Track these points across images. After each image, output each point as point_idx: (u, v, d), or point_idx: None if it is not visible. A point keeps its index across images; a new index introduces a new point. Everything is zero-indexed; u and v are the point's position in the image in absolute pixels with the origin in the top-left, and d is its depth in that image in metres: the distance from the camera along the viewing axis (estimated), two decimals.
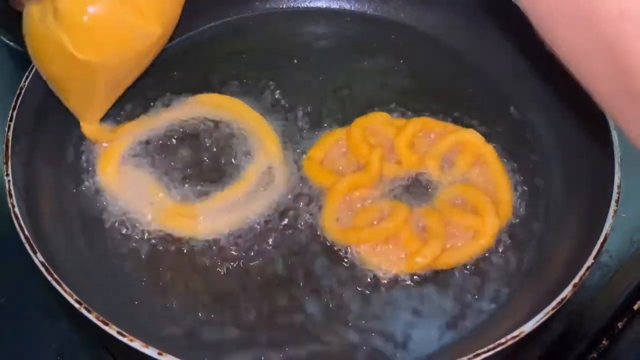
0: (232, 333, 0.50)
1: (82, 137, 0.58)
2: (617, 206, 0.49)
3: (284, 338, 0.49)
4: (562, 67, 0.58)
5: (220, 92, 0.61)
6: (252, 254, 0.53)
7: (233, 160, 0.58)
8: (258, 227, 0.54)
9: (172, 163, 0.57)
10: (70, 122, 0.57)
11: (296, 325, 0.50)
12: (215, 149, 0.58)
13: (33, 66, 0.54)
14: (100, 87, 0.49)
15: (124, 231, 0.54)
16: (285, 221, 0.55)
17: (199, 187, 0.56)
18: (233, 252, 0.53)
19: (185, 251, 0.53)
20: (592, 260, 0.47)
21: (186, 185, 0.56)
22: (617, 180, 0.50)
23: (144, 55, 0.45)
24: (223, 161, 0.57)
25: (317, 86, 0.63)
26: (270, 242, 0.54)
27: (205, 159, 0.58)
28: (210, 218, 0.54)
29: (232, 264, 0.52)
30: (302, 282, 0.52)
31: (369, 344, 0.50)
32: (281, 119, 0.60)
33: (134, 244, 0.53)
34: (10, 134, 0.51)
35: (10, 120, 0.51)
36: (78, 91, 0.50)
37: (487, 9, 0.64)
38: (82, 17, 0.42)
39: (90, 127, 0.54)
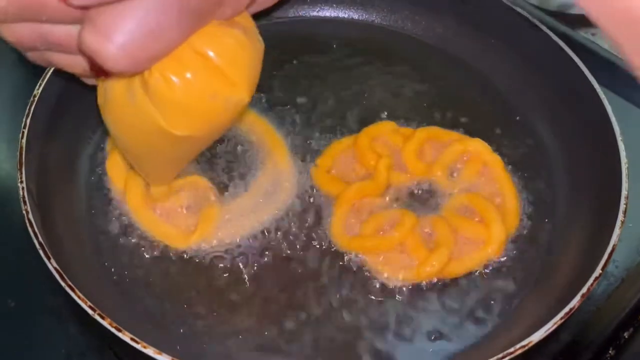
0: (243, 340, 0.50)
1: (95, 144, 0.59)
2: (624, 217, 0.49)
3: (292, 345, 0.50)
4: (568, 77, 0.59)
5: None
6: (261, 262, 0.53)
7: (241, 169, 0.58)
8: (266, 235, 0.54)
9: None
10: (83, 128, 0.58)
11: (303, 332, 0.50)
12: (222, 158, 0.58)
13: (46, 73, 0.55)
14: (184, 156, 0.48)
15: (135, 239, 0.54)
16: (293, 229, 0.55)
17: None
18: (242, 261, 0.53)
19: (195, 259, 0.53)
20: (600, 271, 0.47)
21: None
22: (624, 192, 0.50)
23: (231, 122, 0.44)
24: (230, 170, 0.58)
25: (324, 96, 0.63)
26: (278, 251, 0.54)
27: (213, 168, 0.58)
28: (219, 227, 0.54)
29: (241, 272, 0.53)
30: (310, 289, 0.52)
31: (375, 351, 0.50)
32: (289, 129, 0.61)
33: (145, 251, 0.53)
34: (23, 141, 0.51)
35: (24, 128, 0.52)
36: (158, 160, 0.49)
37: (494, 20, 0.64)
38: (176, 94, 0.40)
39: (160, 188, 0.54)
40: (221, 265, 0.53)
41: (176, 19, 0.37)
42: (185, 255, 0.53)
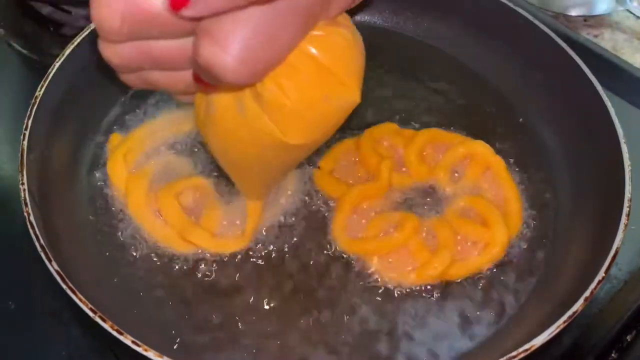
0: (245, 343, 0.50)
1: (96, 146, 0.59)
2: (627, 220, 0.49)
3: (293, 347, 0.50)
4: (571, 79, 0.59)
5: None
6: (263, 265, 0.53)
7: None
8: (268, 237, 0.54)
9: (179, 177, 0.57)
10: (85, 130, 0.58)
11: (305, 335, 0.50)
12: None
13: (48, 75, 0.55)
14: (291, 165, 0.47)
15: (137, 241, 0.54)
16: (295, 231, 0.55)
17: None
18: (244, 264, 0.53)
19: (197, 263, 0.53)
20: (603, 274, 0.47)
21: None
22: (627, 194, 0.50)
23: (338, 125, 0.42)
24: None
25: None
26: (280, 253, 0.54)
27: (214, 170, 0.58)
28: (220, 231, 0.54)
29: (242, 275, 0.53)
30: (312, 291, 0.52)
31: (377, 353, 0.50)
32: None
33: (146, 254, 0.53)
34: (25, 142, 0.51)
35: (26, 129, 0.52)
36: (264, 172, 0.47)
37: (496, 21, 0.64)
38: (291, 101, 0.38)
39: (256, 203, 0.52)
40: (222, 268, 0.53)
41: (290, 23, 0.35)
42: (186, 259, 0.53)
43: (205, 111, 0.42)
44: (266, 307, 0.51)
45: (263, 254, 0.54)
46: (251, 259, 0.53)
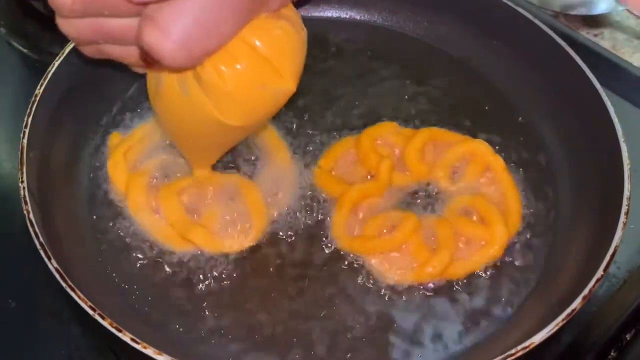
0: (244, 341, 0.50)
1: (96, 145, 0.59)
2: (626, 218, 0.49)
3: (294, 346, 0.50)
4: (570, 78, 0.59)
5: None
6: (262, 263, 0.53)
7: (242, 170, 0.58)
8: (267, 237, 0.54)
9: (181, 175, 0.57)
10: (85, 128, 0.58)
11: (305, 333, 0.50)
12: (223, 159, 0.58)
13: (48, 73, 0.55)
14: (230, 142, 0.50)
15: (136, 239, 0.54)
16: (295, 230, 0.55)
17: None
18: (243, 262, 0.53)
19: (195, 261, 0.53)
20: (602, 272, 0.47)
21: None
22: (626, 193, 0.50)
23: (276, 111, 0.46)
24: (232, 172, 0.58)
25: (326, 96, 0.63)
26: (279, 252, 0.54)
27: (215, 169, 0.58)
28: (220, 229, 0.54)
29: (242, 274, 0.53)
30: (312, 291, 0.52)
31: (377, 352, 0.50)
32: (290, 129, 0.60)
33: (146, 252, 0.53)
34: (25, 140, 0.51)
35: (25, 127, 0.52)
36: (206, 146, 0.50)
37: (496, 20, 0.64)
38: (228, 85, 0.41)
39: (202, 171, 0.55)
40: (222, 266, 0.53)
41: (230, 13, 0.38)
42: (185, 257, 0.53)
43: (155, 86, 0.46)
44: (265, 306, 0.51)
45: (262, 253, 0.54)
46: (250, 259, 0.53)
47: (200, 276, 0.52)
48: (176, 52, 0.37)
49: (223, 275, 0.53)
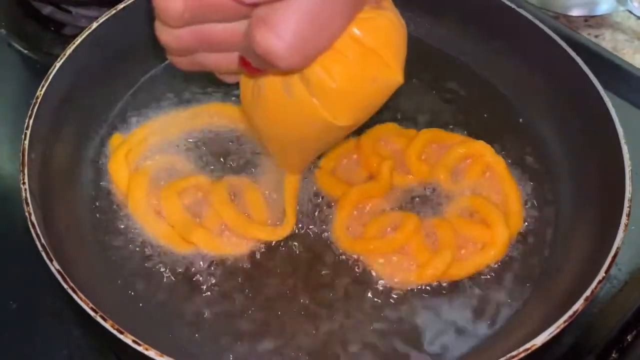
0: (245, 343, 0.50)
1: (98, 146, 0.59)
2: (628, 220, 0.49)
3: (295, 348, 0.50)
4: (571, 79, 0.59)
5: (232, 102, 0.61)
6: (263, 265, 0.53)
7: (242, 171, 0.58)
8: None
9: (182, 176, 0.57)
10: (86, 130, 0.58)
11: (306, 334, 0.50)
12: (223, 161, 0.58)
13: (49, 75, 0.55)
14: (331, 144, 0.48)
15: (138, 240, 0.54)
16: (296, 231, 0.55)
17: None
18: (244, 264, 0.53)
19: (197, 263, 0.53)
20: (604, 274, 0.47)
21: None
22: (628, 194, 0.50)
23: (381, 106, 0.43)
24: (233, 172, 0.58)
25: None
26: (280, 253, 0.54)
27: (216, 169, 0.58)
28: (221, 230, 0.54)
29: (242, 275, 0.53)
30: (312, 292, 0.52)
31: (378, 353, 0.50)
32: None
33: (147, 253, 0.53)
34: (26, 142, 0.51)
35: (27, 129, 0.52)
36: (305, 150, 0.48)
37: (496, 21, 0.64)
38: (338, 83, 0.39)
39: (293, 177, 0.54)
40: (223, 267, 0.53)
41: (339, 9, 0.37)
42: (187, 258, 0.53)
43: (253, 92, 0.43)
44: (266, 307, 0.51)
45: (263, 254, 0.54)
46: (251, 260, 0.53)
47: (201, 277, 0.52)
48: (291, 55, 0.36)
49: (224, 277, 0.52)
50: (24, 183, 0.49)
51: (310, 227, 0.55)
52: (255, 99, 0.44)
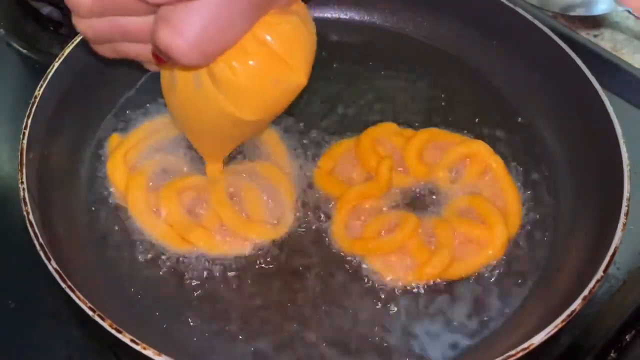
0: (244, 343, 0.50)
1: (96, 146, 0.59)
2: (626, 219, 0.49)
3: (293, 348, 0.50)
4: (570, 79, 0.59)
5: None
6: (262, 265, 0.53)
7: (242, 170, 0.58)
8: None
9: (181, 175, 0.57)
10: (84, 129, 0.58)
11: (305, 335, 0.50)
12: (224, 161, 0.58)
13: (47, 74, 0.55)
14: (242, 135, 0.51)
15: (136, 240, 0.54)
16: (295, 231, 0.55)
17: None
18: (242, 263, 0.53)
19: (195, 263, 0.53)
20: (602, 274, 0.47)
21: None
22: (626, 194, 0.50)
23: (288, 104, 0.46)
24: (230, 173, 0.57)
25: (326, 97, 0.63)
26: (278, 252, 0.54)
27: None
28: (219, 230, 0.54)
29: (241, 275, 0.53)
30: (311, 291, 0.52)
31: (377, 352, 0.50)
32: (290, 130, 0.60)
33: (146, 253, 0.53)
34: (24, 141, 0.51)
35: (25, 128, 0.52)
36: (219, 140, 0.51)
37: (496, 21, 0.64)
38: (242, 80, 0.42)
39: (215, 166, 0.55)
40: (221, 267, 0.53)
41: (242, 12, 0.39)
42: (185, 258, 0.53)
43: (169, 82, 0.47)
44: (265, 307, 0.51)
45: (262, 254, 0.54)
46: (250, 260, 0.53)
47: (200, 277, 0.52)
48: (190, 52, 0.38)
49: (223, 277, 0.52)
50: (22, 183, 0.49)
51: (309, 226, 0.55)
52: (170, 89, 0.47)
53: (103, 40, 0.44)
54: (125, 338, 0.43)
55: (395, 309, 0.52)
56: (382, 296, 0.52)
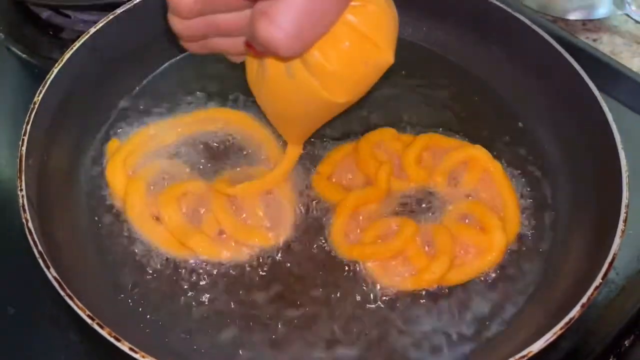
0: (244, 350, 0.50)
1: (95, 152, 0.59)
2: (625, 226, 0.49)
3: (292, 353, 0.50)
4: (569, 83, 0.59)
5: (229, 107, 0.62)
6: (261, 270, 0.53)
7: (240, 176, 0.57)
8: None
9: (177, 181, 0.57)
10: (84, 135, 0.58)
11: (304, 340, 0.50)
12: (223, 164, 0.58)
13: (46, 80, 0.55)
14: (330, 118, 0.51)
15: (135, 246, 0.54)
16: (294, 236, 0.55)
17: None
18: (241, 269, 0.53)
19: (194, 269, 0.53)
20: (601, 280, 0.47)
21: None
22: (625, 200, 0.50)
23: (375, 82, 0.47)
24: (230, 178, 0.57)
25: None
26: (278, 258, 0.54)
27: (215, 174, 0.58)
28: (218, 235, 0.54)
29: (240, 280, 0.53)
30: (310, 297, 0.52)
31: (376, 358, 0.50)
32: None
33: (145, 260, 0.53)
34: (23, 148, 0.51)
35: (24, 135, 0.52)
36: (306, 124, 0.52)
37: (494, 26, 0.64)
38: (334, 66, 0.43)
39: (296, 148, 0.56)
40: (220, 274, 0.53)
41: (334, 0, 0.40)
42: (183, 264, 0.53)
43: (257, 72, 0.48)
44: (264, 313, 0.51)
45: (261, 260, 0.54)
46: (249, 265, 0.53)
47: (200, 284, 0.52)
48: (290, 43, 0.39)
49: (222, 283, 0.52)
50: (21, 190, 0.49)
51: (308, 232, 0.55)
52: (260, 79, 0.48)
53: (197, 38, 0.45)
54: (124, 346, 0.43)
55: (394, 314, 0.51)
56: (381, 302, 0.52)
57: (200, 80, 0.64)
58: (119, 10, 0.60)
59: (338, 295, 0.52)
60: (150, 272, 0.53)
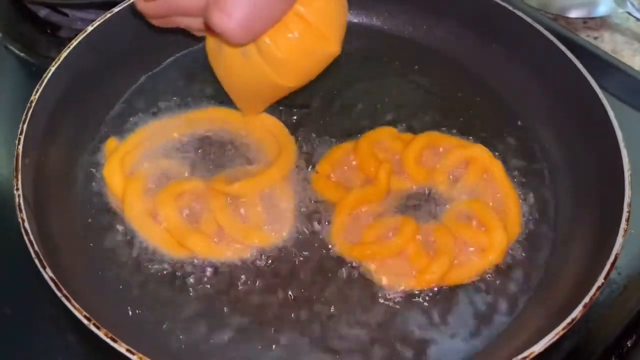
0: (243, 350, 0.50)
1: (92, 151, 0.58)
2: (627, 225, 0.49)
3: (292, 353, 0.49)
4: (570, 81, 0.59)
5: (227, 106, 0.61)
6: (260, 270, 0.53)
7: (239, 175, 0.57)
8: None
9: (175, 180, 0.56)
10: (81, 134, 0.58)
11: (304, 339, 0.50)
12: (222, 163, 0.58)
13: (44, 79, 0.55)
14: (279, 97, 0.56)
15: (133, 247, 0.54)
16: (294, 236, 0.54)
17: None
18: (241, 269, 0.53)
19: (193, 269, 0.53)
20: (603, 280, 0.46)
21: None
22: (627, 199, 0.50)
23: (322, 70, 0.52)
24: (228, 177, 0.57)
25: (324, 100, 0.63)
26: (277, 258, 0.54)
27: (214, 174, 0.57)
28: (217, 234, 0.54)
29: (239, 280, 0.52)
30: (310, 297, 0.52)
31: (376, 358, 0.49)
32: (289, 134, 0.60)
33: (142, 260, 0.53)
34: (20, 147, 0.51)
35: (21, 134, 0.51)
36: (257, 100, 0.57)
37: (495, 24, 0.64)
38: (284, 53, 0.48)
39: (250, 116, 0.60)
40: (219, 274, 0.53)
41: None
42: (183, 263, 0.53)
43: (216, 49, 0.53)
44: (264, 313, 0.51)
45: (260, 259, 0.53)
46: (249, 265, 0.53)
47: (198, 284, 0.52)
48: (241, 33, 0.44)
49: (220, 283, 0.52)
50: (17, 189, 0.49)
51: (308, 231, 0.55)
52: (218, 54, 0.53)
53: (160, 16, 0.50)
54: (121, 348, 0.42)
55: (394, 314, 0.51)
56: (380, 302, 0.52)
57: (198, 79, 0.63)
58: (116, 9, 0.59)
59: (338, 294, 0.52)
60: (148, 272, 0.53)
